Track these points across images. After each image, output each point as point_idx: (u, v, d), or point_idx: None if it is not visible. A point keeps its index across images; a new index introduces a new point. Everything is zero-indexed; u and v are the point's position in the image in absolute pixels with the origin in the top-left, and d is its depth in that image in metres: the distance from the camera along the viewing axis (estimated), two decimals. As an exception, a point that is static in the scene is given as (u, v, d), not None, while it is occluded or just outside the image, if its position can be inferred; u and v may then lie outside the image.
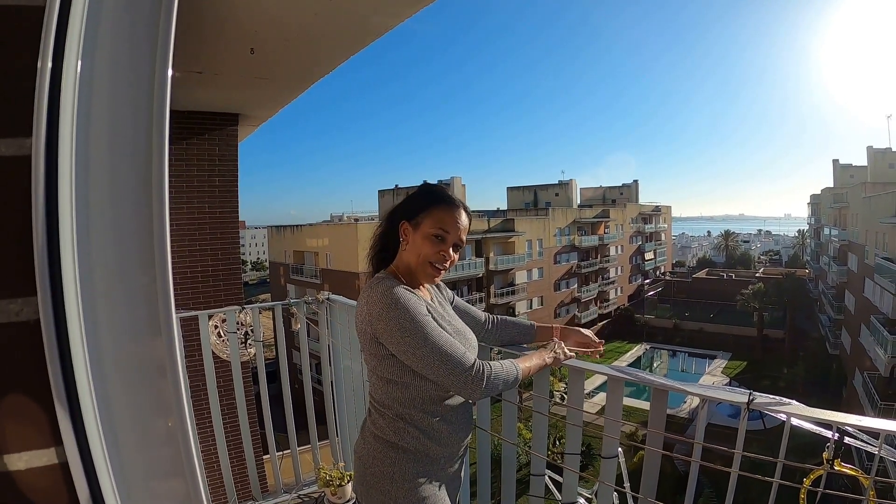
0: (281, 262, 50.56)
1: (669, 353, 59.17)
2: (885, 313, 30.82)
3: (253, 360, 4.55)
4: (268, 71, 5.84)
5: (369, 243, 2.28)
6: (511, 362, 2.07)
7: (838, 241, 47.61)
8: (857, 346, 35.87)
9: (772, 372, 48.54)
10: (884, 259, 30.76)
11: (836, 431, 1.88)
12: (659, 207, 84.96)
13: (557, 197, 73.60)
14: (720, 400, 2.17)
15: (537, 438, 2.88)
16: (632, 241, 75.80)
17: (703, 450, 2.32)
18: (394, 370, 1.97)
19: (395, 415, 2.01)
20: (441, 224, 2.06)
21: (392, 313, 1.89)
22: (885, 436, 1.83)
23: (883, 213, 31.13)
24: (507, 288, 48.84)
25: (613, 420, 2.50)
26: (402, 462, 1.99)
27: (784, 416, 2.00)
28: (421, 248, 2.05)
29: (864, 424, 1.86)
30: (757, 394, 2.05)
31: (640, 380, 2.43)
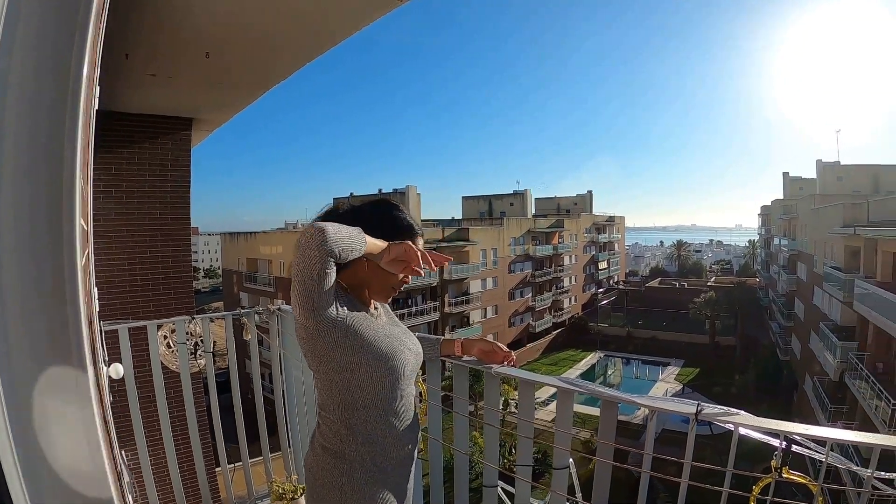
0: (234, 269, 49.68)
1: (623, 361, 60.02)
2: (833, 320, 31.24)
3: (203, 371, 4.47)
4: (223, 75, 5.75)
5: None
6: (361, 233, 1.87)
7: (788, 250, 48.38)
8: (807, 352, 36.37)
9: (724, 378, 49.33)
10: (832, 268, 31.23)
11: (783, 440, 1.93)
12: (612, 218, 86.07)
13: (512, 206, 73.86)
14: (669, 411, 2.22)
15: (489, 450, 2.86)
16: (586, 250, 76.58)
17: (656, 458, 2.36)
18: (340, 378, 1.93)
19: (341, 423, 1.96)
20: None
21: (304, 251, 1.75)
22: (831, 444, 1.88)
23: (831, 224, 31.63)
24: (461, 297, 48.49)
25: (564, 431, 2.53)
26: (349, 472, 1.96)
27: (732, 426, 2.04)
28: (386, 275, 2.04)
29: (810, 433, 1.92)
30: (705, 404, 2.09)
31: (590, 391, 2.42)
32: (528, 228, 60.78)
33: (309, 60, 5.43)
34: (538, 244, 61.85)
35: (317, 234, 1.73)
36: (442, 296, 46.23)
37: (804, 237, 42.34)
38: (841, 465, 2.01)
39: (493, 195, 77.85)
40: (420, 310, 43.38)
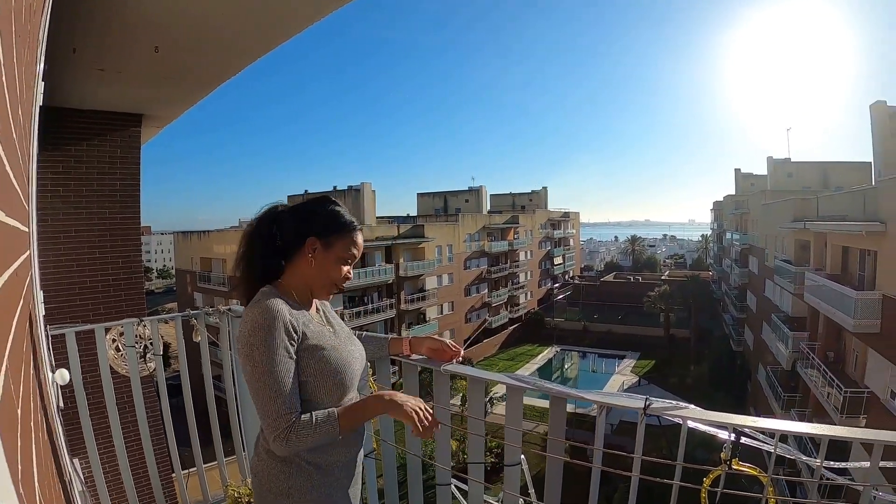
0: (188, 269, 48.28)
1: (580, 355, 60.64)
2: (785, 311, 31.70)
3: (154, 374, 4.41)
4: (173, 70, 5.63)
5: (251, 246, 2.15)
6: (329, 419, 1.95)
7: (740, 244, 49.05)
8: (760, 342, 36.83)
9: (679, 370, 50.11)
10: (783, 261, 31.64)
11: (732, 432, 1.95)
12: (567, 213, 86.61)
13: (468, 203, 73.53)
14: (618, 406, 2.18)
15: (441, 448, 2.79)
16: (541, 246, 76.75)
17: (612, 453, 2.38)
18: None
19: None
20: (353, 249, 2.15)
21: (253, 339, 1.89)
22: (779, 435, 1.92)
23: (781, 219, 32.03)
24: (417, 294, 48.07)
25: (514, 428, 2.50)
26: (296, 476, 1.98)
27: (680, 419, 2.06)
28: (330, 270, 2.11)
29: (759, 425, 1.94)
30: (653, 399, 2.08)
31: (538, 388, 2.38)
32: (483, 225, 60.48)
33: (260, 56, 5.37)
34: (493, 240, 61.70)
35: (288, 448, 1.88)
36: (398, 293, 45.75)
37: (755, 232, 42.89)
38: (790, 455, 2.07)
39: (448, 192, 77.51)
40: (376, 307, 42.84)
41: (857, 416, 19.58)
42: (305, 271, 2.09)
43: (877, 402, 18.75)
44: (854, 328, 19.52)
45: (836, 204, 26.02)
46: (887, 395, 18.17)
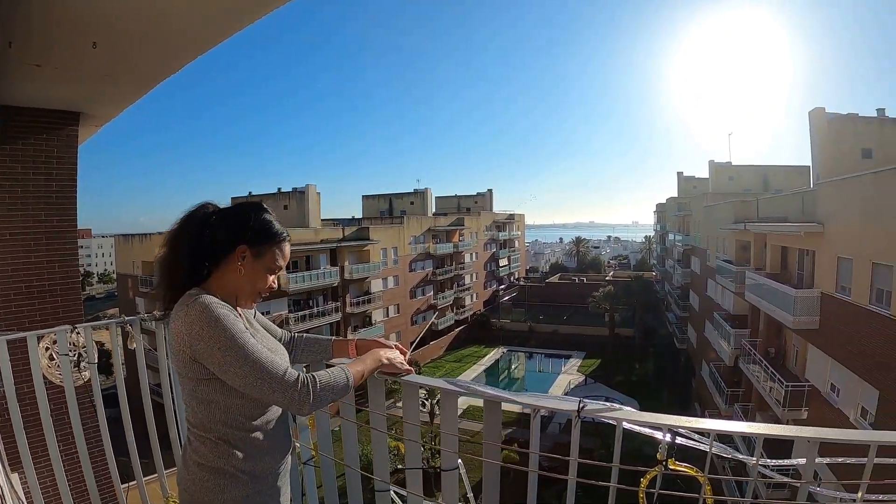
0: (129, 273, 46.59)
1: (526, 355, 61.25)
2: (726, 309, 32.42)
3: (89, 384, 4.10)
4: (112, 67, 5.29)
5: (179, 247, 2.05)
6: (340, 367, 2.06)
7: (682, 245, 50.09)
8: (703, 340, 37.78)
9: (625, 368, 51.06)
10: (724, 261, 32.32)
11: (667, 432, 1.96)
12: (513, 215, 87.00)
13: (413, 205, 73.32)
14: (552, 409, 2.17)
15: (378, 455, 2.76)
16: (486, 248, 76.94)
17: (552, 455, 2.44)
18: (214, 391, 1.92)
19: (218, 438, 1.94)
20: (282, 259, 2.12)
21: (211, 331, 1.84)
22: (714, 434, 1.92)
23: (722, 221, 32.84)
24: (362, 297, 47.46)
25: (450, 433, 2.48)
26: (231, 488, 1.93)
27: (615, 420, 2.05)
28: (258, 279, 2.08)
29: (694, 425, 1.95)
30: (587, 401, 2.08)
31: (471, 391, 2.33)
32: (428, 227, 60.32)
33: (204, 51, 5.08)
34: (439, 242, 61.56)
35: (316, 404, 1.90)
36: (343, 296, 45.20)
37: (697, 233, 43.83)
38: (727, 454, 2.03)
39: (393, 194, 77.10)
40: (322, 310, 42.23)
41: (799, 408, 20.06)
42: (232, 278, 2.05)
43: (817, 395, 19.24)
44: (794, 325, 19.98)
45: (775, 206, 26.67)
46: (827, 389, 18.66)
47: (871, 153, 26.36)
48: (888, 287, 15.06)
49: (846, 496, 2.08)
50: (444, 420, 2.49)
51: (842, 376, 17.46)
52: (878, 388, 14.99)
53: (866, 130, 27.20)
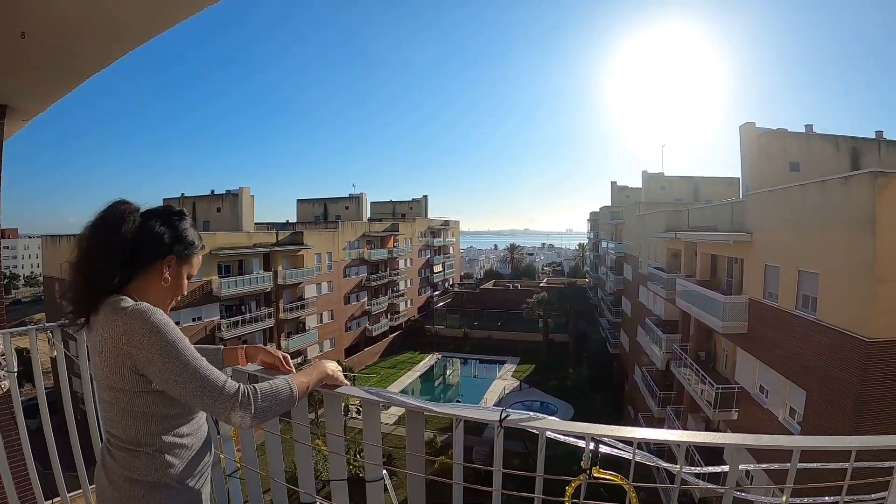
0: (57, 276, 44.63)
1: (461, 361, 61.69)
2: (658, 315, 33.20)
3: (8, 394, 3.93)
4: (42, 58, 5.02)
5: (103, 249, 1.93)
6: (284, 379, 2.01)
7: (615, 253, 51.08)
8: (635, 344, 38.65)
9: (559, 372, 51.72)
10: (656, 268, 33.14)
11: (590, 441, 1.97)
12: (447, 222, 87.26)
13: (348, 210, 72.91)
14: (474, 419, 2.18)
15: (303, 467, 2.75)
16: (421, 254, 76.94)
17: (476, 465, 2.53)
18: (154, 403, 1.86)
19: (155, 450, 1.87)
20: (196, 269, 2.13)
21: (153, 338, 1.77)
22: (637, 443, 1.94)
23: (654, 229, 33.80)
24: (296, 302, 46.80)
25: (372, 444, 2.48)
26: (167, 500, 1.87)
27: (538, 430, 2.05)
28: (179, 287, 2.08)
29: (617, 434, 1.97)
30: (510, 410, 2.07)
31: (392, 401, 2.36)
32: (363, 232, 59.92)
33: (137, 45, 4.85)
34: (373, 248, 61.30)
35: (258, 417, 1.86)
36: (276, 301, 44.43)
37: (630, 241, 44.86)
38: (651, 462, 2.08)
39: (328, 198, 76.40)
40: (254, 316, 41.36)
41: (730, 410, 20.69)
42: (156, 286, 2.01)
43: (747, 396, 19.89)
44: (723, 329, 20.61)
45: (705, 215, 27.45)
46: (756, 390, 19.32)
47: (799, 166, 27.50)
48: (813, 293, 15.66)
49: (772, 500, 2.14)
50: (367, 431, 2.48)
51: (770, 378, 18.09)
52: (805, 390, 15.58)
53: (794, 145, 28.38)
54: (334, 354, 50.98)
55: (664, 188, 51.56)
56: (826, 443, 2.05)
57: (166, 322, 1.81)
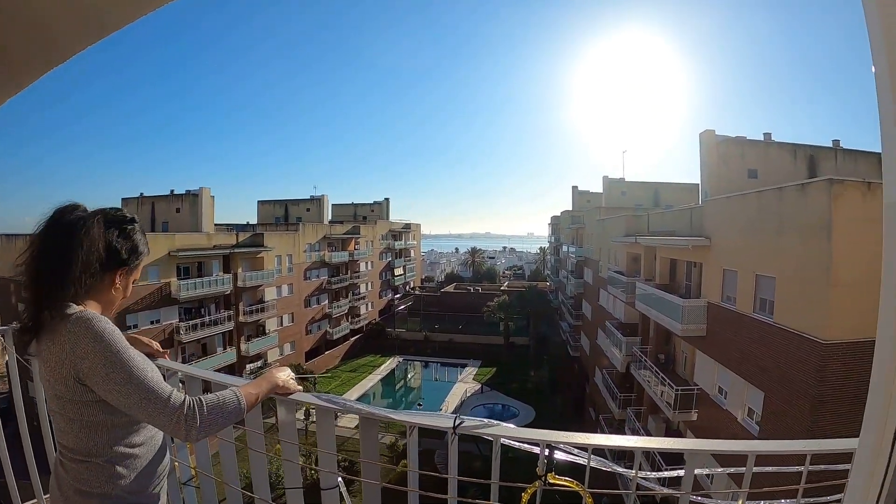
0: (11, 277, 43.32)
1: (422, 364, 61.51)
2: (618, 318, 33.64)
3: None
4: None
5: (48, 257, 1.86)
6: (231, 390, 1.97)
7: (576, 257, 51.58)
8: (596, 347, 39.07)
9: (520, 375, 51.90)
10: (616, 272, 33.60)
11: (545, 447, 1.98)
12: (409, 225, 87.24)
13: (309, 212, 72.22)
14: (428, 426, 2.17)
15: (257, 475, 2.68)
16: (382, 257, 76.75)
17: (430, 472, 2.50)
18: (101, 412, 1.80)
19: (105, 461, 1.83)
20: (140, 271, 2.10)
21: (97, 347, 1.72)
22: (592, 449, 1.96)
23: (614, 233, 34.27)
24: (256, 305, 46.23)
25: (327, 452, 2.45)
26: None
27: (492, 437, 2.05)
28: (126, 293, 2.04)
29: (572, 440, 1.99)
30: (464, 417, 2.08)
31: (347, 409, 2.31)
32: (324, 234, 59.49)
33: (89, 45, 4.76)
34: (334, 250, 60.89)
35: (203, 430, 1.80)
36: (236, 304, 43.86)
37: (590, 245, 45.42)
38: (606, 468, 2.07)
39: (289, 200, 75.61)
40: (213, 319, 40.64)
41: (689, 411, 21.05)
42: (106, 293, 1.96)
43: (706, 397, 20.26)
44: (682, 332, 20.95)
45: (665, 220, 27.94)
46: (715, 391, 19.69)
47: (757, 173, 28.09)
48: (770, 297, 16.01)
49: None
50: (321, 438, 2.45)
51: (729, 379, 18.45)
52: (763, 391, 15.92)
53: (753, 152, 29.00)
54: (295, 358, 50.60)
55: (625, 193, 52.12)
56: (781, 447, 2.11)
57: (112, 331, 1.77)
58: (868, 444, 1.51)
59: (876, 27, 1.34)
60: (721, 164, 28.38)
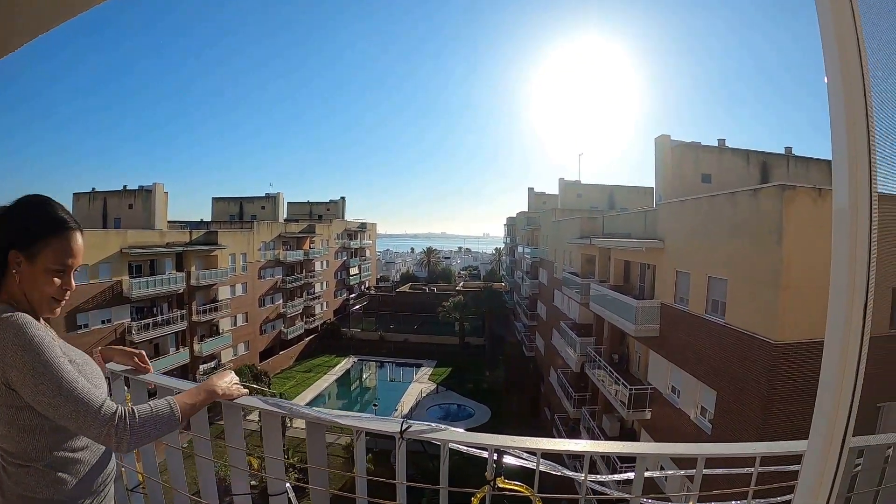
0: None
1: (378, 364, 61.41)
2: (572, 319, 34.02)
3: None
4: None
5: None
6: (165, 400, 1.93)
7: (531, 258, 51.82)
8: (550, 347, 39.41)
9: (475, 375, 52.09)
10: (570, 273, 33.99)
11: (493, 452, 1.99)
12: (364, 224, 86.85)
13: (264, 210, 71.45)
14: (375, 430, 2.16)
15: (205, 481, 2.66)
16: (337, 256, 76.29)
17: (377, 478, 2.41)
18: (38, 416, 1.75)
19: (45, 466, 1.79)
20: (64, 257, 1.84)
21: (25, 356, 1.67)
22: (541, 453, 1.99)
23: (569, 235, 34.59)
24: (209, 304, 45.55)
25: (274, 457, 2.44)
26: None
27: (440, 442, 2.07)
28: (43, 285, 1.83)
29: (520, 444, 2.00)
30: (412, 421, 2.08)
31: (293, 413, 2.31)
32: (279, 233, 58.94)
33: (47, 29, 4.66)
34: (289, 249, 60.33)
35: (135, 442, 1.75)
36: (189, 303, 43.16)
37: (546, 246, 45.71)
38: (556, 472, 2.11)
39: (244, 197, 74.64)
40: (166, 319, 39.90)
41: (643, 410, 21.39)
42: (15, 287, 1.81)
43: (660, 396, 20.65)
44: (636, 333, 21.29)
45: (620, 223, 28.31)
46: (668, 390, 20.06)
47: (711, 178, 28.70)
48: (722, 298, 16.37)
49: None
50: (267, 443, 2.43)
51: (681, 379, 18.83)
52: (715, 390, 16.27)
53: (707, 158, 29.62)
54: (249, 358, 50.02)
55: (580, 195, 52.53)
56: (731, 450, 2.18)
57: (41, 338, 1.71)
58: (817, 446, 1.55)
59: (830, 39, 1.40)
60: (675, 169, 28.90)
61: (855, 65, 1.39)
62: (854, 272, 1.43)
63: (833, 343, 1.47)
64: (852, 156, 1.41)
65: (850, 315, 1.44)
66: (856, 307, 1.43)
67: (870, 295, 1.43)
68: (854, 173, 1.41)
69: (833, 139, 1.44)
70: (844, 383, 1.46)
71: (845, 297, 1.44)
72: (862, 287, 1.43)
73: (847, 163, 1.41)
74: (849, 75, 1.39)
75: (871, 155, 1.40)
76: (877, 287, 1.41)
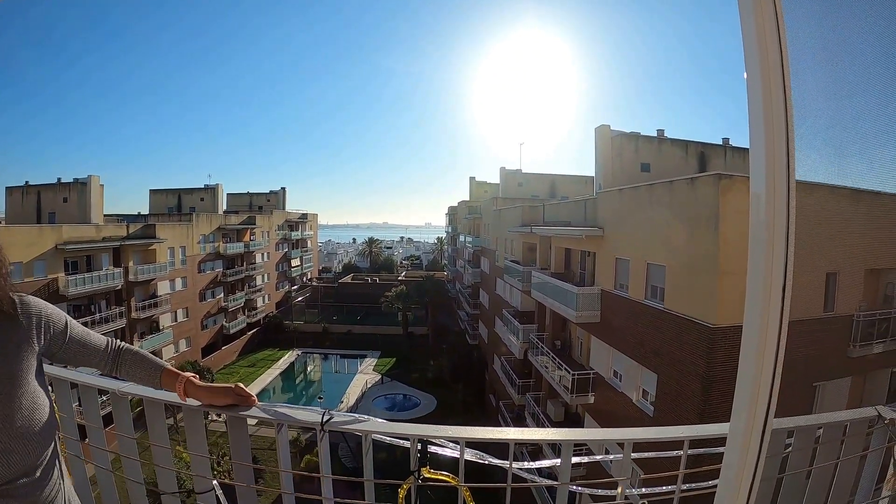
0: None
1: (322, 357, 61.19)
2: (514, 306, 34.49)
3: None
4: None
5: None
6: (157, 363, 2.10)
7: (473, 246, 52.28)
8: (494, 335, 39.78)
9: (420, 365, 52.24)
10: (512, 262, 34.46)
11: (416, 442, 1.99)
12: (306, 215, 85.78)
13: (203, 202, 69.93)
14: (296, 421, 2.12)
15: (130, 483, 2.56)
16: (278, 247, 75.36)
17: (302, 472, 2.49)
18: None
19: None
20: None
21: None
22: (465, 442, 1.99)
23: (511, 223, 34.96)
24: (149, 300, 44.34)
25: (199, 455, 2.36)
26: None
27: (362, 433, 2.05)
28: None
29: (443, 434, 2.00)
30: (334, 412, 2.07)
31: (211, 408, 2.22)
32: (218, 225, 57.88)
33: None
34: (229, 242, 59.34)
35: None
36: (128, 300, 41.96)
37: (487, 235, 46.13)
38: (482, 460, 2.11)
39: (182, 189, 72.79)
40: (104, 316, 38.74)
41: (587, 394, 21.86)
42: None
43: (602, 380, 21.17)
44: (577, 319, 21.72)
45: (560, 211, 28.76)
46: (610, 374, 20.56)
47: (650, 167, 29.32)
48: (661, 284, 16.85)
49: (609, 493, 2.22)
50: (190, 439, 2.36)
51: (623, 363, 19.33)
52: (656, 373, 16.76)
53: (646, 147, 30.24)
54: (191, 354, 49.05)
55: (521, 184, 52.85)
56: (658, 434, 2.21)
57: None
58: (739, 428, 1.59)
59: (751, 41, 1.45)
60: (615, 158, 29.40)
61: (775, 56, 1.44)
62: (772, 257, 1.47)
63: (752, 326, 1.51)
64: (770, 143, 1.45)
65: (767, 298, 1.48)
66: (774, 290, 1.48)
67: (788, 278, 1.47)
68: (772, 160, 1.45)
69: (750, 130, 1.48)
70: (765, 365, 1.50)
71: (762, 281, 1.48)
72: (780, 271, 1.47)
73: (764, 150, 1.46)
74: (767, 66, 1.44)
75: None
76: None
